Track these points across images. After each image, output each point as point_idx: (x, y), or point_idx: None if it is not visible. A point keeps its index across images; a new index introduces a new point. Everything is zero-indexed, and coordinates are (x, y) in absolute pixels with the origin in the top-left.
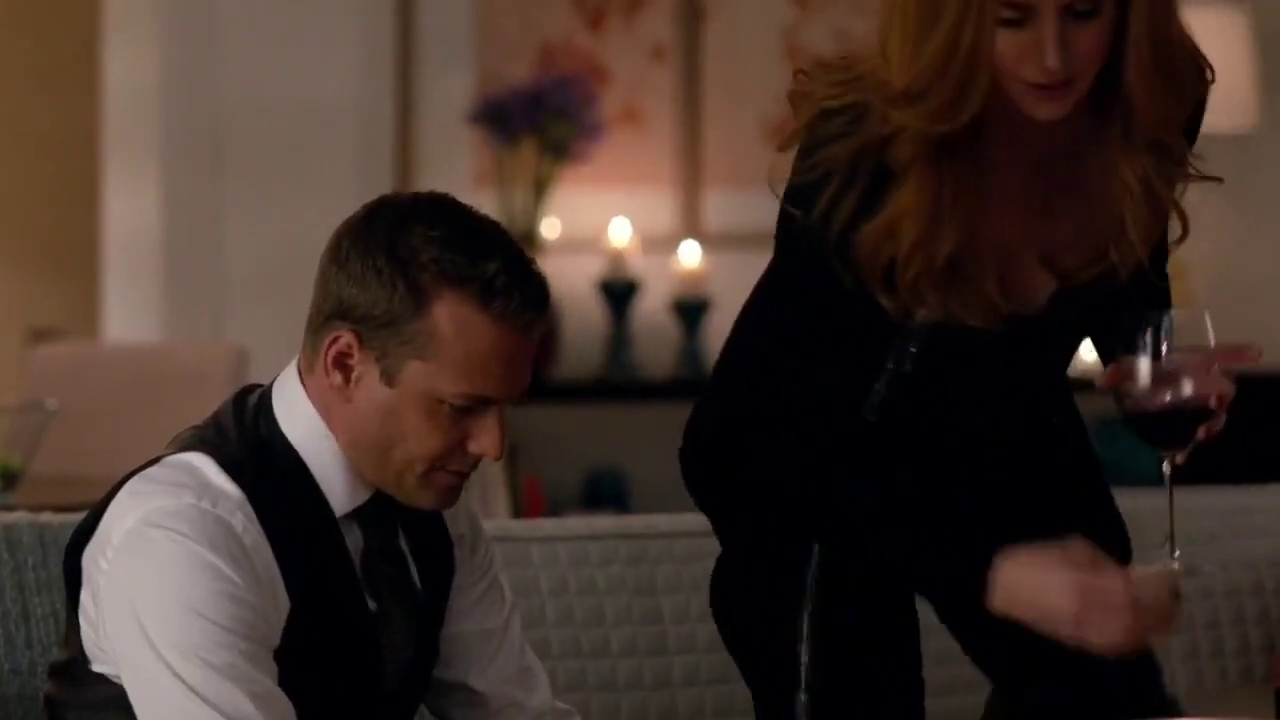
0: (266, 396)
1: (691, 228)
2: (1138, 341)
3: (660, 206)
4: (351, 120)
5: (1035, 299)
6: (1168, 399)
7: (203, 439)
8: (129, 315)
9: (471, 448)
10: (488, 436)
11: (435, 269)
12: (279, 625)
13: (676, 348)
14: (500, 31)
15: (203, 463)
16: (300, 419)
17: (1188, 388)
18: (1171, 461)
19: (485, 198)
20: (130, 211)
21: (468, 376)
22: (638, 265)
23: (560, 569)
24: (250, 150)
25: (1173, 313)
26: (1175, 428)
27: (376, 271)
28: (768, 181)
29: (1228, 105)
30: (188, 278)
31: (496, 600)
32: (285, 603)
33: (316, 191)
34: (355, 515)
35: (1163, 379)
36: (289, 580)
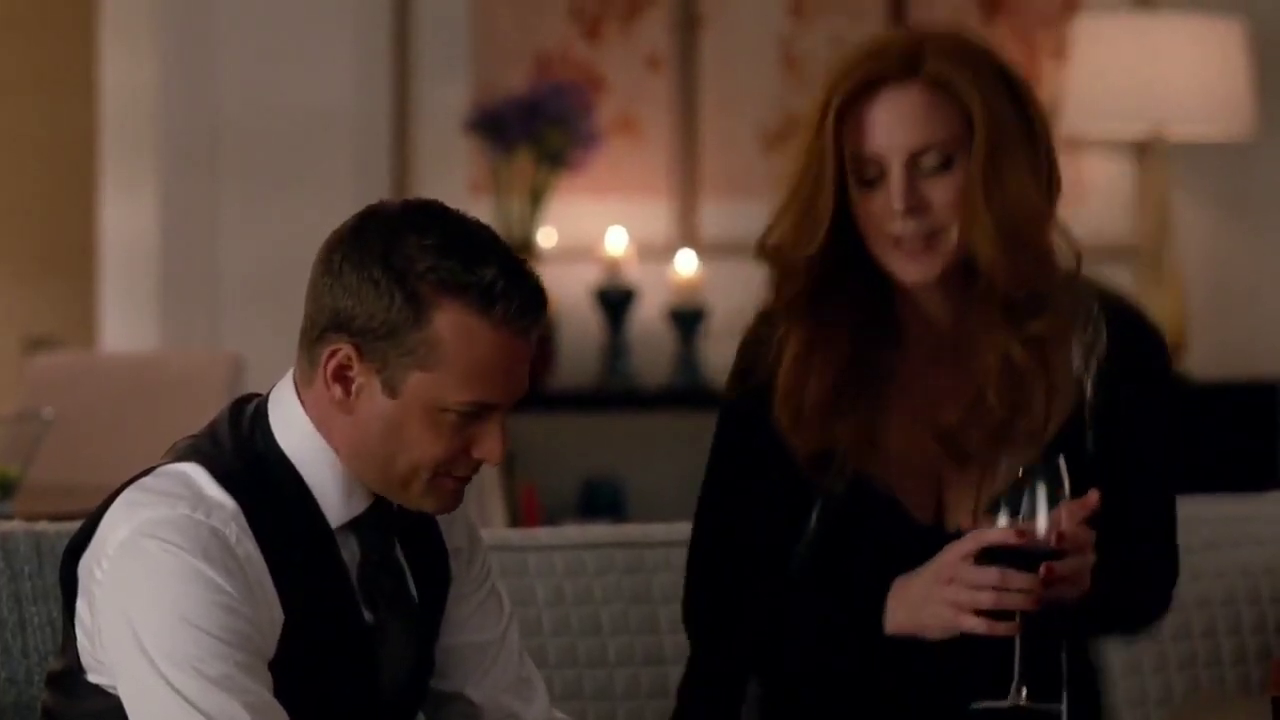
0: (262, 407)
1: (688, 237)
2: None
3: (657, 215)
4: (348, 128)
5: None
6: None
7: (198, 449)
8: (126, 322)
9: (475, 453)
10: (490, 441)
11: (433, 278)
12: (274, 637)
13: (673, 356)
14: (496, 40)
15: (197, 473)
16: (296, 430)
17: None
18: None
19: (481, 206)
20: (127, 218)
21: (471, 384)
22: (634, 274)
23: (556, 578)
24: (247, 157)
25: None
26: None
27: (373, 283)
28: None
29: (1224, 113)
30: (185, 284)
31: (494, 611)
32: (279, 614)
33: (313, 199)
34: (352, 526)
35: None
36: (283, 592)
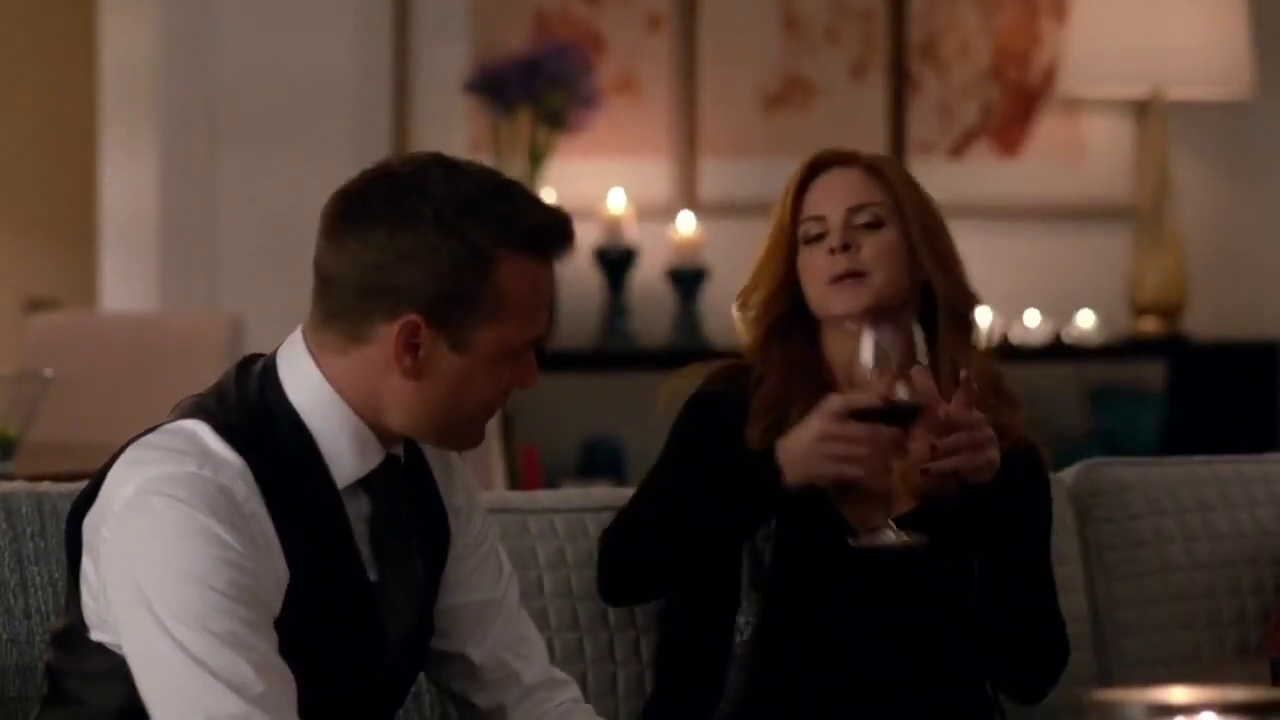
0: (271, 366)
1: (688, 197)
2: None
3: (656, 175)
4: (347, 89)
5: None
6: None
7: (203, 407)
8: (126, 285)
9: (518, 385)
10: (530, 370)
11: (488, 233)
12: (280, 594)
13: (672, 316)
14: (496, 0)
15: (203, 431)
16: (309, 390)
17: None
18: None
19: None
20: (127, 181)
21: (531, 322)
22: (634, 234)
23: (558, 541)
24: (247, 120)
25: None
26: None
27: (431, 249)
28: None
29: (1224, 74)
30: (184, 247)
31: (493, 571)
32: (285, 572)
33: (313, 161)
34: (363, 483)
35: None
36: (289, 549)
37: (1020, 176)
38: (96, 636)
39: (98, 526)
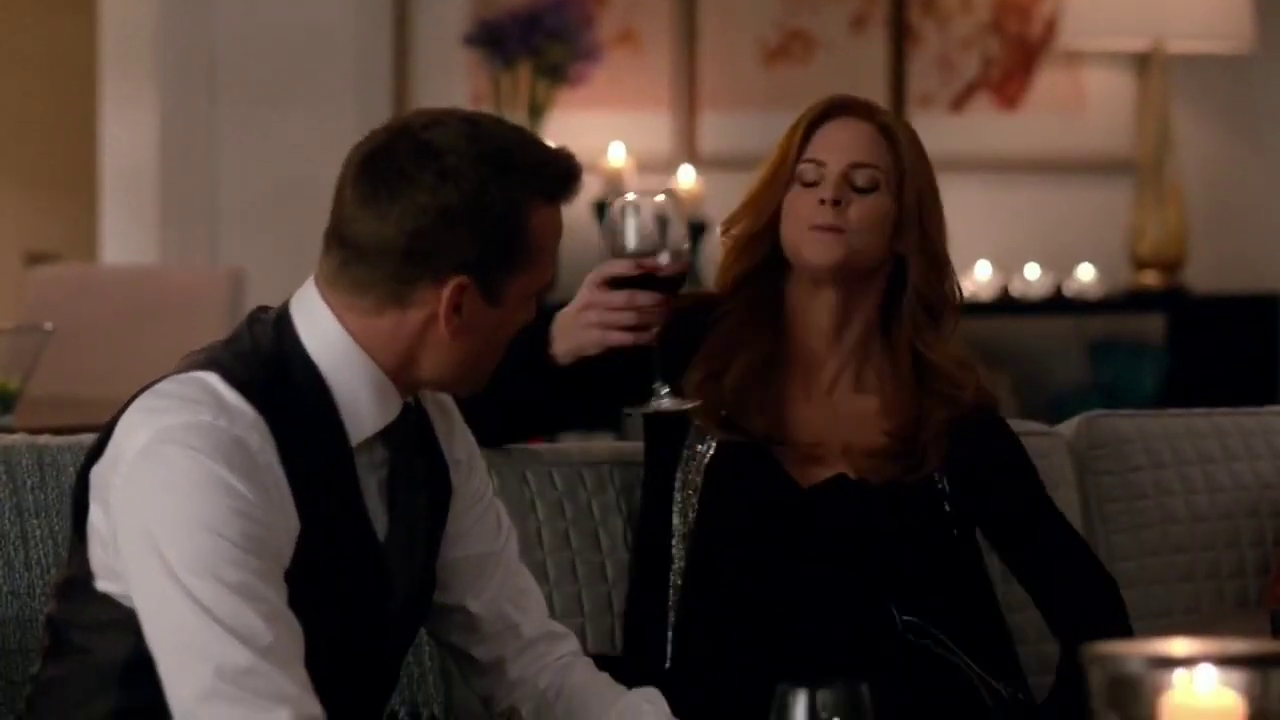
0: (285, 318)
1: (688, 150)
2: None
3: (657, 129)
4: (348, 43)
5: (812, 475)
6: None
7: (215, 359)
8: (126, 239)
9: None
10: (533, 304)
11: (521, 185)
12: (290, 545)
13: None
14: None
15: (218, 381)
16: (330, 345)
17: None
18: None
19: None
20: (128, 136)
21: (551, 265)
22: (634, 188)
23: (556, 495)
24: (247, 73)
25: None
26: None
27: (475, 209)
28: None
29: (1225, 27)
30: (185, 201)
31: (492, 524)
32: (296, 524)
33: (312, 115)
34: (381, 435)
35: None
36: (300, 501)
37: (1021, 130)
38: (103, 587)
39: (108, 475)
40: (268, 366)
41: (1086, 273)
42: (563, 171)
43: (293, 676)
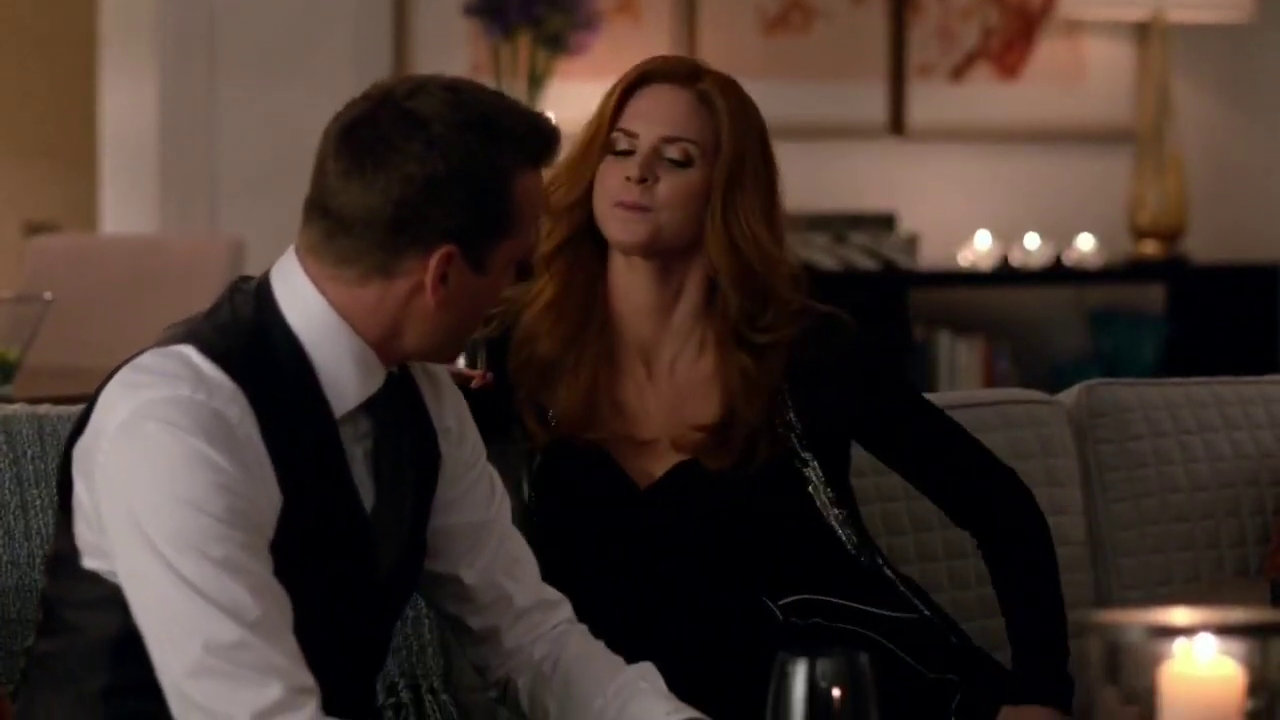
0: (265, 289)
1: None
2: None
3: None
4: (347, 12)
5: (652, 470)
6: None
7: (194, 332)
8: (126, 208)
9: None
10: (514, 271)
11: (505, 152)
12: (273, 517)
13: None
14: None
15: (194, 354)
16: (311, 316)
17: None
18: None
19: None
20: (127, 105)
21: (534, 230)
22: None
23: None
24: (247, 43)
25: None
26: None
27: (461, 179)
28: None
29: None
30: (184, 170)
31: (485, 493)
32: (278, 496)
33: (312, 84)
34: (366, 406)
35: None
36: (282, 474)
37: (1020, 99)
38: (89, 564)
39: (91, 451)
40: (248, 338)
41: (1086, 242)
42: (545, 136)
43: (282, 649)
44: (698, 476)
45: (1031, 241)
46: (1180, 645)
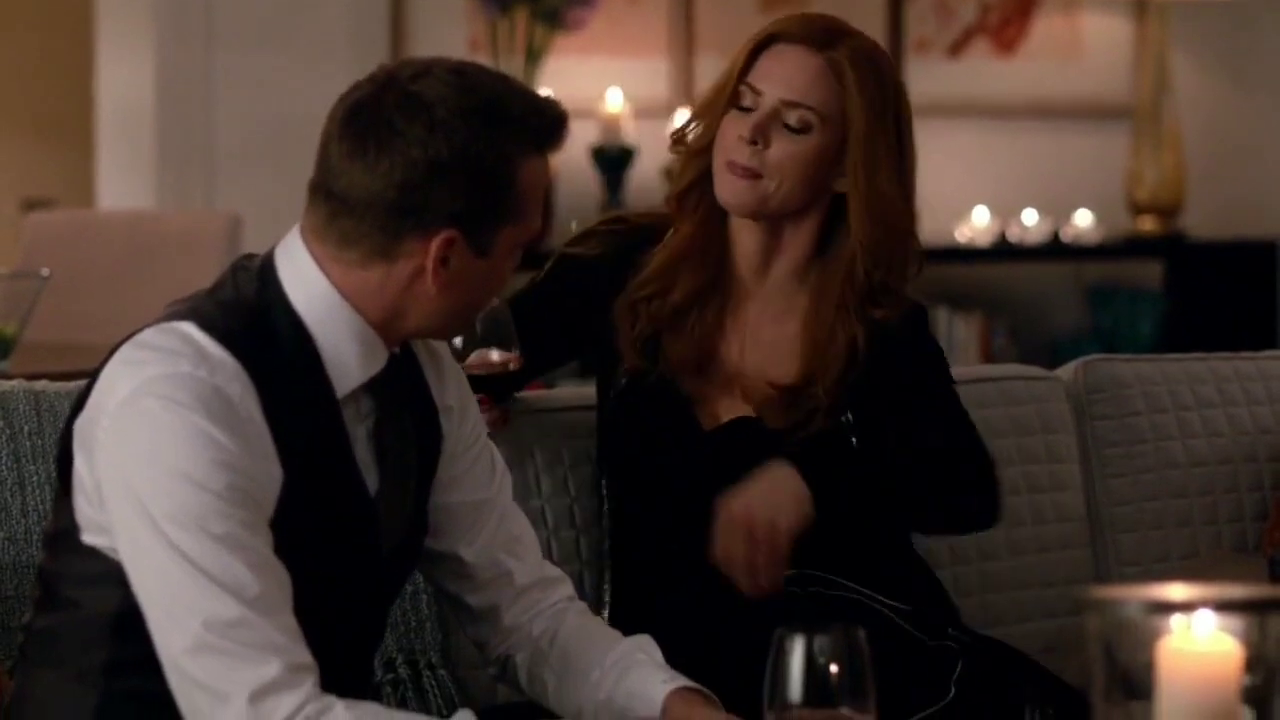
0: (269, 267)
1: (685, 95)
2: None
3: (654, 74)
4: None
5: (719, 416)
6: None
7: (197, 308)
8: (123, 184)
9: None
10: (519, 255)
11: (510, 138)
12: (274, 495)
13: None
14: None
15: (196, 330)
16: (314, 297)
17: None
18: None
19: None
20: (124, 81)
21: (538, 215)
22: (631, 133)
23: (554, 441)
24: (244, 18)
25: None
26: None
27: (465, 163)
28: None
29: None
30: (181, 146)
31: (485, 470)
32: (280, 474)
33: (310, 60)
34: (368, 386)
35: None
36: (283, 452)
37: (1018, 75)
38: (89, 540)
39: (91, 428)
40: (250, 317)
41: (1084, 218)
42: (551, 121)
43: (282, 626)
44: (754, 431)
45: (1029, 217)
46: (1178, 621)
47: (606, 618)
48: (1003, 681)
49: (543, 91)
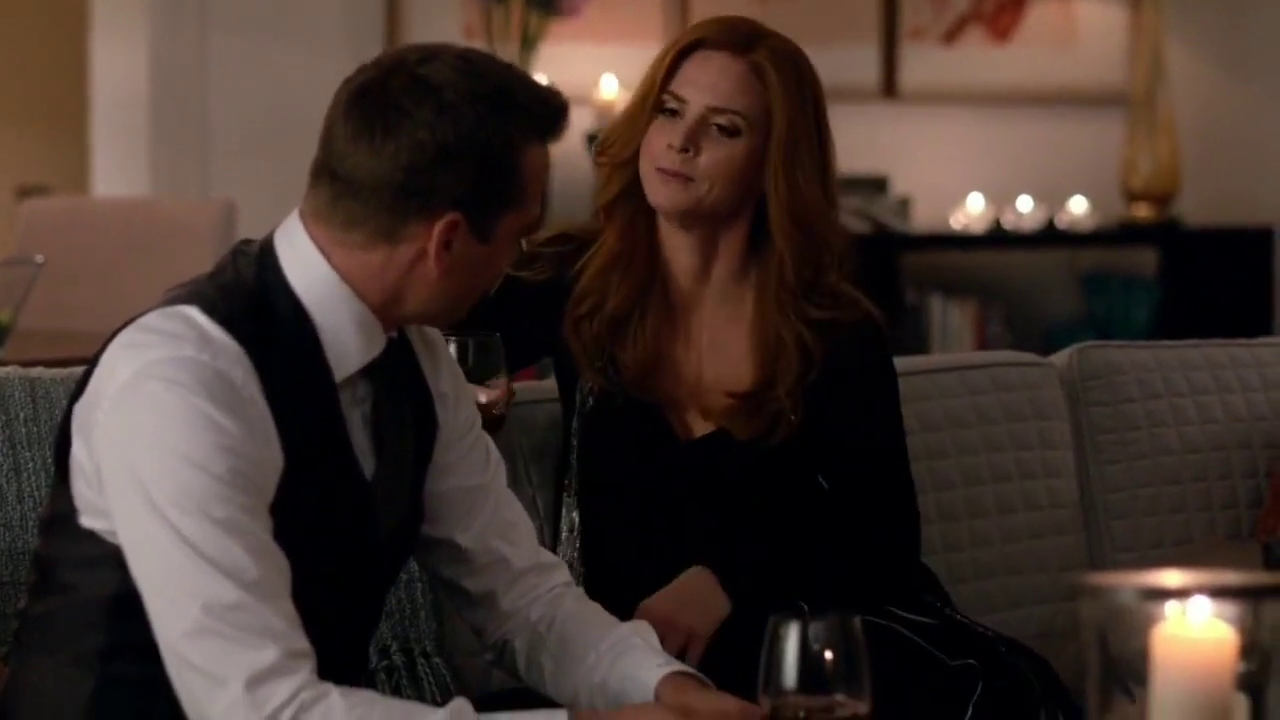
0: (269, 251)
1: None
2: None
3: (648, 61)
4: None
5: (694, 429)
6: None
7: (199, 292)
8: (117, 171)
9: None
10: (519, 243)
11: (516, 124)
12: (274, 479)
13: None
14: None
15: (198, 314)
16: (314, 280)
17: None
18: None
19: None
20: (118, 68)
21: (538, 202)
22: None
23: (540, 433)
24: (238, 6)
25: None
26: None
27: (471, 148)
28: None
29: None
30: (176, 133)
31: (480, 457)
32: (281, 458)
33: (304, 46)
34: (365, 371)
35: None
36: (285, 436)
37: (1013, 63)
38: (88, 523)
39: (91, 411)
40: (251, 300)
41: (1079, 205)
42: (555, 111)
43: (280, 611)
44: (728, 442)
45: (1024, 204)
46: (1173, 608)
47: None
48: (1022, 710)
49: (537, 77)
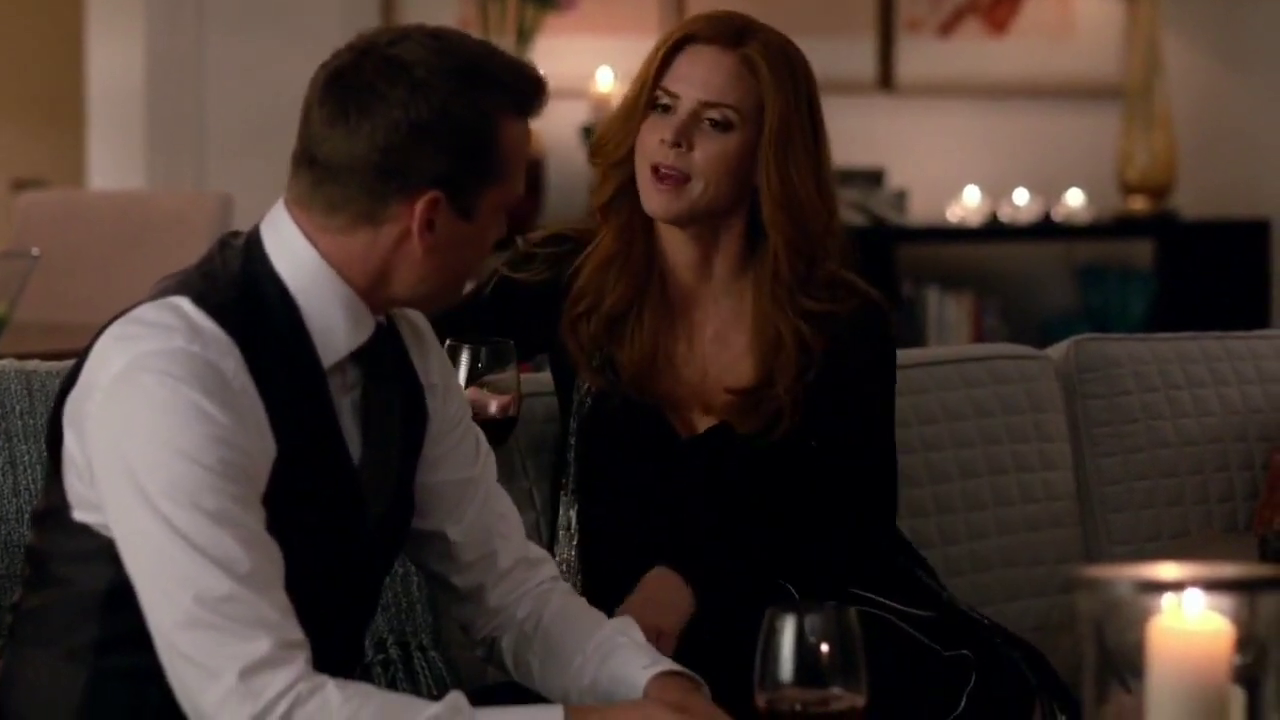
0: (255, 241)
1: None
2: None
3: (644, 54)
4: None
5: (695, 425)
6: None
7: (187, 284)
8: (113, 164)
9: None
10: (504, 219)
11: (491, 99)
12: (266, 469)
13: None
14: None
15: (188, 305)
16: (301, 266)
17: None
18: None
19: None
20: (115, 61)
21: (520, 179)
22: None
23: (537, 425)
24: (233, 0)
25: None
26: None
27: (446, 124)
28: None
29: None
30: (172, 126)
31: (470, 450)
32: (273, 447)
33: (300, 40)
34: (354, 357)
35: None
36: (276, 425)
37: (1009, 55)
38: (80, 517)
39: (82, 404)
40: (238, 290)
41: (1075, 198)
42: (529, 83)
43: (273, 602)
44: (730, 438)
45: (1020, 197)
46: (1169, 600)
47: None
48: (1015, 701)
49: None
